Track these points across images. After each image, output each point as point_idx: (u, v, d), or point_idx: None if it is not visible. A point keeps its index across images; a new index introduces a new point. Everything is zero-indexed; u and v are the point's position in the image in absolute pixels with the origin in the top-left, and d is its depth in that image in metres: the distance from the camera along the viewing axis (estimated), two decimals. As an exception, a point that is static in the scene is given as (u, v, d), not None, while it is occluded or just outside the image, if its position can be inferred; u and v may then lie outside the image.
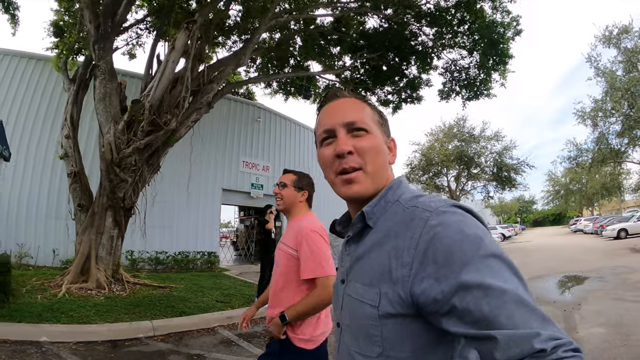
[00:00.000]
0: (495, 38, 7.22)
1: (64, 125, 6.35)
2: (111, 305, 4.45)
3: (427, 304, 0.47)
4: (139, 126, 5.06)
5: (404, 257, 0.50)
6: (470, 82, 8.03)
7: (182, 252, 8.37)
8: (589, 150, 14.81)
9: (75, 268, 5.20)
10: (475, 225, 0.49)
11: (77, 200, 5.90)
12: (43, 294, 4.55)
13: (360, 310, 0.56)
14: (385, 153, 0.62)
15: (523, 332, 0.39)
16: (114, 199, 5.24)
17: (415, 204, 0.55)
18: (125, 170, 5.15)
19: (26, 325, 3.55)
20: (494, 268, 0.44)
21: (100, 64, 5.21)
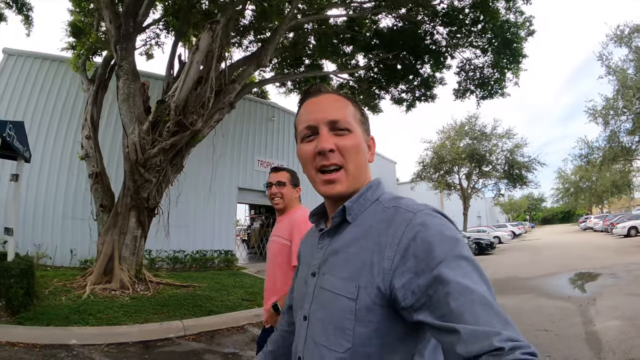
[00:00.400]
0: (509, 38, 7.44)
1: (84, 126, 6.55)
2: (138, 305, 4.55)
3: (405, 297, 0.50)
4: (164, 126, 5.22)
5: (386, 252, 0.54)
6: (485, 81, 8.27)
7: (200, 250, 8.69)
8: (600, 148, 15.14)
9: (99, 268, 5.34)
10: (452, 230, 0.53)
11: (98, 201, 6.10)
12: (67, 295, 4.62)
13: (336, 303, 0.57)
14: (365, 152, 0.65)
15: (485, 329, 0.42)
16: (138, 199, 5.39)
17: (397, 205, 0.59)
18: (149, 171, 5.31)
19: (54, 328, 3.55)
20: (466, 269, 0.48)
21: (123, 64, 5.38)
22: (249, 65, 6.31)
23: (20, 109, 8.01)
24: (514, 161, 18.64)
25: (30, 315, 3.71)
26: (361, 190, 0.63)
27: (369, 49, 8.75)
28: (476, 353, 0.41)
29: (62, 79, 8.60)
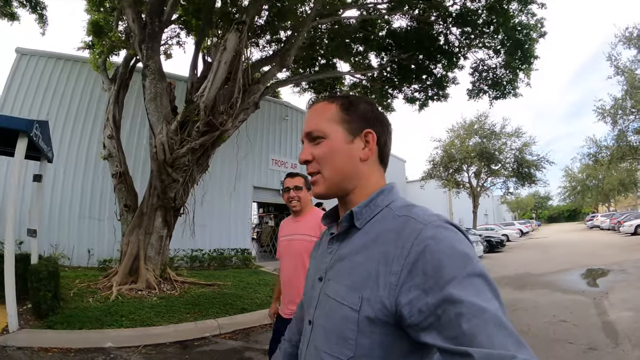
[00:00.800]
0: (521, 39, 7.77)
1: (106, 125, 6.67)
2: (168, 305, 4.63)
3: (411, 314, 0.49)
4: (193, 126, 5.38)
5: (393, 265, 0.53)
6: (498, 81, 8.60)
7: (217, 249, 9.00)
8: (609, 147, 15.66)
9: (124, 269, 5.46)
10: (465, 243, 0.52)
11: (122, 201, 6.27)
12: (93, 296, 4.63)
13: (339, 312, 0.57)
14: (344, 153, 0.65)
15: (500, 353, 0.41)
16: (165, 199, 5.54)
17: (408, 214, 0.58)
18: (177, 171, 5.41)
19: (88, 331, 3.55)
20: (478, 287, 0.46)
21: (149, 63, 5.51)
22: (273, 66, 6.59)
23: (35, 109, 8.19)
24: (523, 160, 19.09)
25: (60, 318, 3.70)
26: (371, 195, 0.64)
27: (383, 48, 9.07)
28: None
29: (76, 78, 8.80)
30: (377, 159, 0.68)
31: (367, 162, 0.67)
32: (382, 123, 0.69)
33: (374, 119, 0.68)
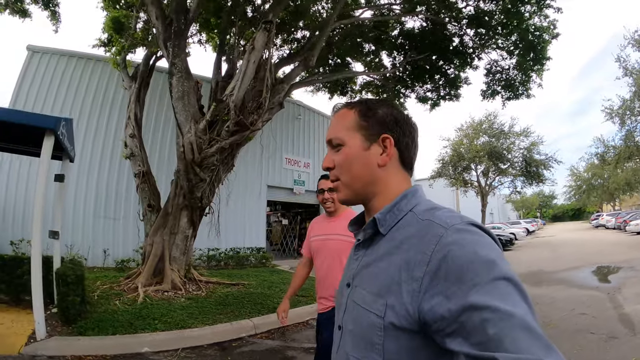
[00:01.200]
0: (534, 41, 8.10)
1: (127, 124, 6.77)
2: (198, 306, 4.68)
3: (434, 321, 0.50)
4: (223, 126, 5.52)
5: (415, 271, 0.54)
6: (511, 82, 8.95)
7: (234, 248, 9.28)
8: (616, 147, 16.33)
9: (148, 270, 5.50)
10: (489, 246, 0.52)
11: (146, 201, 6.37)
12: (119, 299, 4.60)
13: (365, 318, 0.59)
14: (361, 160, 0.68)
15: (527, 357, 0.41)
16: (192, 198, 5.66)
17: (431, 218, 0.58)
18: (205, 170, 5.54)
19: (122, 337, 3.50)
20: (504, 291, 0.47)
21: (176, 62, 5.61)
22: (297, 66, 6.85)
23: (47, 107, 8.32)
24: (532, 159, 19.68)
25: (90, 323, 3.64)
26: (395, 200, 0.65)
27: (395, 48, 9.40)
28: None
29: (89, 76, 8.96)
30: (398, 163, 0.69)
31: (387, 168, 0.68)
32: (402, 126, 0.69)
33: (392, 123, 0.69)
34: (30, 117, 3.61)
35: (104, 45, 8.50)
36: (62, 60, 8.81)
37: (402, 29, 9.31)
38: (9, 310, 3.88)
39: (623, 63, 13.81)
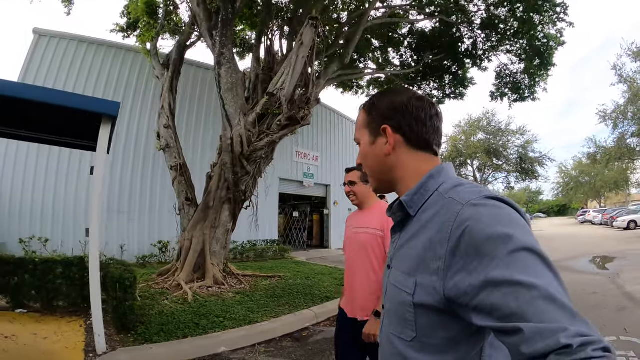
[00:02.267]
0: (542, 48, 9.22)
1: (160, 114, 6.93)
2: (253, 300, 4.95)
3: (458, 297, 0.56)
4: (274, 120, 5.94)
5: (437, 250, 0.61)
6: (518, 86, 10.14)
7: (251, 241, 9.93)
8: (608, 148, 18.58)
9: (188, 265, 5.73)
10: (507, 218, 0.56)
11: (183, 194, 6.58)
12: (166, 298, 4.65)
13: (399, 296, 0.69)
14: (370, 154, 0.80)
15: (550, 326, 0.45)
16: (236, 191, 6.02)
17: (452, 195, 0.64)
18: (251, 163, 5.96)
19: (195, 339, 3.55)
20: (526, 262, 0.50)
21: (224, 51, 5.86)
22: (332, 62, 7.53)
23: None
24: (526, 156, 21.91)
25: (153, 329, 3.61)
26: (421, 181, 0.72)
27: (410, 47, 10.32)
28: (542, 352, 0.45)
29: (101, 63, 9.19)
30: (406, 147, 0.75)
31: (395, 155, 0.76)
32: (401, 111, 0.75)
33: (391, 111, 0.76)
34: (85, 101, 3.47)
35: (123, 31, 8.73)
36: (71, 45, 8.95)
37: (412, 28, 10.26)
38: (45, 320, 3.71)
39: (619, 71, 15.92)
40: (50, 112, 3.31)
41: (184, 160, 6.98)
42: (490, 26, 9.23)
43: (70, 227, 8.26)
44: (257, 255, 9.62)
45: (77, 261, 4.20)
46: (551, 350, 0.45)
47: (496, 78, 10.53)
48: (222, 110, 6.12)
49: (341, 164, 15.46)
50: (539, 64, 9.60)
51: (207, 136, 10.51)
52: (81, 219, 8.36)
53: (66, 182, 8.43)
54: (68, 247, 7.79)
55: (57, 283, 3.97)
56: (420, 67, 10.24)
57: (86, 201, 8.47)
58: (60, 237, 7.98)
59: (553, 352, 0.45)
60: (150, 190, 9.46)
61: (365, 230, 1.98)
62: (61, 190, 8.38)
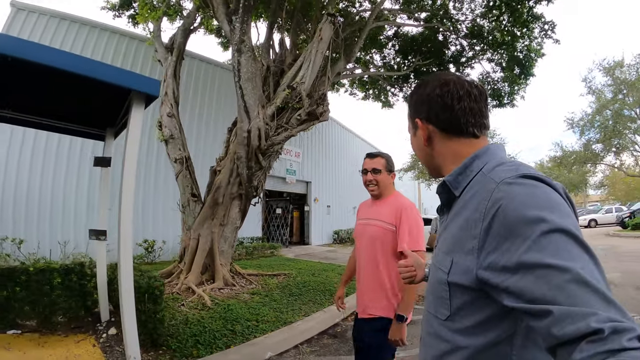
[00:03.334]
0: (523, 59, 10.44)
1: (163, 102, 6.75)
2: (276, 300, 5.08)
3: (491, 277, 0.60)
4: (293, 114, 6.13)
5: (472, 229, 0.66)
6: (498, 93, 11.38)
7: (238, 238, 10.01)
8: (573, 152, 21.29)
9: (196, 266, 5.71)
10: (543, 197, 0.59)
11: (188, 190, 6.53)
12: (181, 304, 4.57)
13: (436, 275, 0.76)
14: (415, 145, 0.93)
15: (581, 310, 0.47)
16: (249, 187, 6.08)
17: (491, 175, 0.69)
18: (266, 158, 6.06)
19: (240, 348, 3.52)
20: (558, 245, 0.53)
21: (245, 39, 5.94)
22: (339, 60, 7.98)
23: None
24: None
25: (187, 342, 3.44)
26: (464, 162, 0.77)
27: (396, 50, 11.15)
28: (572, 335, 0.47)
29: (83, 43, 8.93)
30: (441, 135, 0.83)
31: (433, 144, 0.84)
32: (428, 102, 0.83)
33: (419, 105, 0.86)
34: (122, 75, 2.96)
35: (114, 9, 8.46)
36: (52, 22, 8.61)
37: (398, 31, 11.16)
38: (48, 341, 3.30)
39: (589, 83, 18.51)
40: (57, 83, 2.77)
41: (188, 153, 6.91)
42: (476, 35, 10.27)
43: (47, 226, 7.95)
44: (248, 253, 9.80)
45: (78, 268, 3.90)
46: (582, 334, 0.47)
47: (480, 85, 11.70)
48: (240, 101, 6.07)
49: (322, 161, 16.02)
50: (519, 73, 10.84)
51: (209, 130, 10.58)
52: (58, 217, 8.08)
53: (41, 177, 8.07)
54: (45, 249, 7.51)
55: (54, 295, 3.58)
56: (409, 70, 11.06)
57: (64, 198, 8.20)
58: (37, 237, 7.63)
59: (584, 337, 0.47)
60: (142, 184, 9.33)
61: (375, 223, 1.95)
62: (35, 185, 8.01)
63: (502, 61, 10.94)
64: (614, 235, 16.12)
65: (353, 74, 10.93)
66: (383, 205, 1.98)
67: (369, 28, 8.47)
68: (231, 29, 6.28)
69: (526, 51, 10.52)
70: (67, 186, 8.29)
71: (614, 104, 18.10)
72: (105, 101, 3.24)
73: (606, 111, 18.44)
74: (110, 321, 3.76)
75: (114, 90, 2.85)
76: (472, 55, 11.16)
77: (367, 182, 2.01)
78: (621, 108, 18.04)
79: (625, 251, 10.55)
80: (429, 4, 10.12)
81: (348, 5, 9.75)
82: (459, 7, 10.23)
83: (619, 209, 22.90)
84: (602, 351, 0.45)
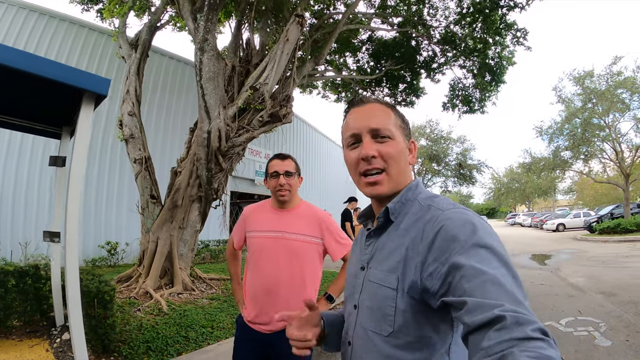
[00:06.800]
0: (494, 67, 10.39)
1: (124, 100, 6.43)
2: (233, 305, 4.82)
3: (432, 285, 0.66)
4: (255, 115, 5.91)
5: (418, 247, 0.71)
6: (469, 99, 11.28)
7: (203, 241, 9.66)
8: (542, 159, 21.62)
9: (155, 270, 5.43)
10: (477, 221, 0.67)
11: (147, 191, 6.20)
12: (138, 309, 4.33)
13: (380, 292, 0.77)
14: (405, 156, 0.85)
15: (490, 302, 0.53)
16: (209, 189, 5.81)
17: (430, 203, 0.78)
18: (227, 160, 5.78)
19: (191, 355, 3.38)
20: (483, 256, 0.60)
21: (208, 37, 5.69)
22: (308, 61, 7.63)
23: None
24: (465, 163, 24.84)
25: (138, 348, 3.29)
26: (402, 192, 0.83)
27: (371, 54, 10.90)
28: (479, 322, 0.52)
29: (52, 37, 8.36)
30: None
31: (409, 167, 0.89)
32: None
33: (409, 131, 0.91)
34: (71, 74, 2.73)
35: (82, 3, 8.01)
36: (20, 14, 8.01)
37: (372, 36, 10.92)
38: (2, 345, 3.25)
39: (558, 92, 18.69)
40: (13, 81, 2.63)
41: (149, 153, 6.55)
42: (448, 42, 10.14)
43: (8, 227, 7.40)
44: (213, 257, 9.46)
45: (32, 271, 3.71)
46: (487, 320, 0.52)
47: (449, 90, 11.59)
48: (201, 101, 5.83)
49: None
50: (490, 80, 10.79)
51: (168, 129, 10.05)
52: (19, 218, 7.57)
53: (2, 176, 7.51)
54: (6, 251, 7.05)
55: (8, 299, 3.46)
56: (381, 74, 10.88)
57: (25, 196, 7.66)
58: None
59: (490, 325, 0.51)
60: (95, 185, 8.71)
61: (297, 237, 1.72)
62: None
63: (474, 68, 10.84)
64: (582, 240, 16.24)
65: (324, 76, 10.63)
66: (298, 217, 1.77)
67: (340, 31, 8.20)
68: (195, 27, 5.96)
69: (498, 58, 10.47)
70: (29, 186, 7.77)
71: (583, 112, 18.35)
72: (59, 99, 3.05)
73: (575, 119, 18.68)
74: (65, 326, 3.64)
75: (62, 88, 2.66)
76: (444, 61, 11.03)
77: (279, 186, 1.74)
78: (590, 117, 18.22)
79: (592, 256, 10.54)
80: (404, 9, 9.94)
81: (322, 7, 9.44)
82: (433, 13, 10.09)
83: (587, 214, 23.19)
84: (507, 339, 0.49)
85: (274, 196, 1.79)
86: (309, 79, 9.99)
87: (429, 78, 11.35)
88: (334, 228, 1.79)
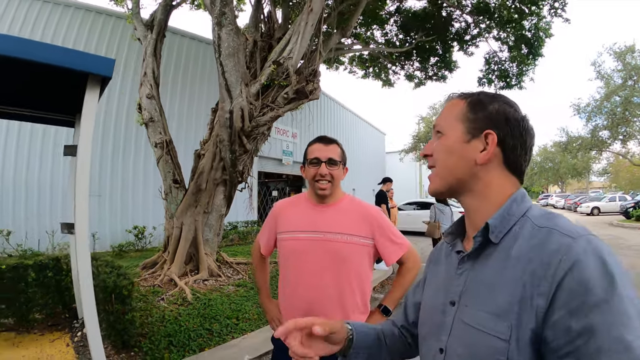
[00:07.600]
0: (531, 38, 9.48)
1: (142, 83, 6.20)
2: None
3: (554, 338, 0.53)
4: (280, 92, 5.53)
5: (540, 286, 0.55)
6: (506, 74, 10.41)
7: (231, 222, 9.54)
8: (579, 138, 20.26)
9: (180, 256, 5.28)
10: (614, 264, 0.53)
11: (170, 176, 6.01)
12: (161, 298, 4.18)
13: (483, 342, 0.60)
14: (457, 152, 0.70)
15: None
16: (233, 172, 5.58)
17: (552, 226, 0.60)
18: (251, 141, 5.46)
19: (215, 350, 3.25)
20: (627, 314, 0.49)
21: (226, 11, 5.38)
22: (335, 34, 7.09)
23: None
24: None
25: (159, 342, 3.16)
26: (505, 204, 0.66)
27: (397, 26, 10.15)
28: None
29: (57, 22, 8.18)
30: (501, 164, 0.69)
31: (487, 166, 0.69)
32: (512, 126, 0.69)
33: (501, 121, 0.69)
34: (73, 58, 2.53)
35: None
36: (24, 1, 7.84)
37: (400, 7, 10.10)
38: (23, 341, 3.15)
39: (598, 67, 17.23)
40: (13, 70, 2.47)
41: (170, 137, 6.30)
42: (481, 12, 9.32)
43: (35, 216, 7.41)
44: (241, 238, 9.27)
45: (53, 263, 3.66)
46: None
47: (485, 64, 10.74)
48: (221, 79, 5.47)
49: (320, 142, 15.33)
50: (527, 54, 9.89)
51: (192, 110, 9.81)
52: (46, 205, 7.57)
53: (27, 164, 7.50)
54: (34, 240, 7.07)
55: (30, 292, 3.42)
56: (411, 47, 10.18)
57: (51, 185, 7.62)
58: (24, 227, 7.14)
59: None
60: (121, 170, 8.67)
61: (341, 237, 1.42)
62: (22, 173, 7.43)
63: (509, 40, 9.96)
64: (618, 226, 15.21)
65: (351, 49, 10.00)
66: (339, 212, 1.48)
67: (367, 1, 7.49)
68: (212, 0, 5.56)
69: (534, 30, 9.54)
70: (54, 174, 7.72)
71: (624, 90, 17.01)
72: (66, 85, 2.83)
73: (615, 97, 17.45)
74: (87, 318, 3.62)
75: (65, 73, 2.46)
76: (478, 33, 10.19)
77: (317, 176, 1.45)
78: (631, 95, 16.87)
79: (633, 244, 9.69)
80: (433, -23, 9.06)
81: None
82: (465, -20, 9.14)
83: (623, 198, 21.78)
84: None
85: (311, 188, 1.50)
86: (336, 53, 9.52)
87: (461, 51, 10.53)
88: (387, 225, 1.49)
